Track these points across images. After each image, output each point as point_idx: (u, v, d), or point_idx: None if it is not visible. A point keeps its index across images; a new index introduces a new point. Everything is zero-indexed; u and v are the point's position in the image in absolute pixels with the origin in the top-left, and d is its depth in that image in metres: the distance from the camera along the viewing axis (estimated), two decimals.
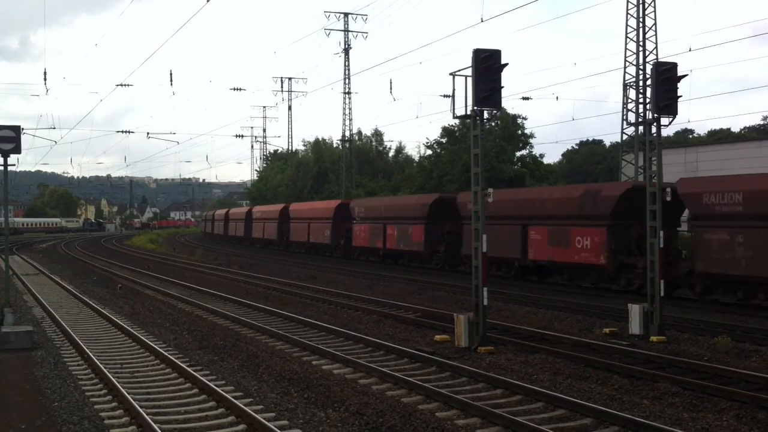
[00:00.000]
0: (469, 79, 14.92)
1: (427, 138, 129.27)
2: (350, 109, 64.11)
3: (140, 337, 16.53)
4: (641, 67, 39.28)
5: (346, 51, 62.46)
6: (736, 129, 73.53)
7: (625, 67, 40.30)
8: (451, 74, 15.24)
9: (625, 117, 41.42)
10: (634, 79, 39.95)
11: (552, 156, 77.95)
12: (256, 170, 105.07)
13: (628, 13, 39.63)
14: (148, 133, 52.77)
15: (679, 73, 16.46)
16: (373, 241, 40.25)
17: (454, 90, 15.24)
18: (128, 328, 17.95)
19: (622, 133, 42.25)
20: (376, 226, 39.94)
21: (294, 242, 53.98)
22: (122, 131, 56.34)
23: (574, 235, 25.32)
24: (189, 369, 12.95)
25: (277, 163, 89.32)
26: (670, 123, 16.87)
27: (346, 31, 62.11)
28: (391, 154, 75.61)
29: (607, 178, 63.12)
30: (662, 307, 16.33)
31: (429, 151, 54.36)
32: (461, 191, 35.15)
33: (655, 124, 16.62)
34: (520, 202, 28.57)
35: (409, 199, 40.09)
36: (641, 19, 39.33)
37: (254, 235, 64.17)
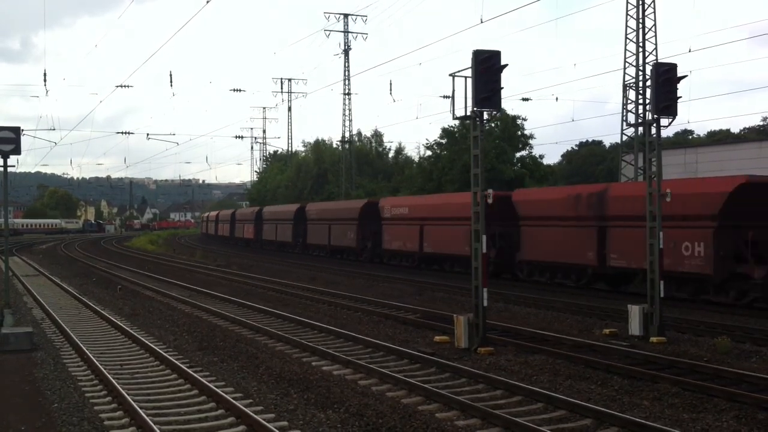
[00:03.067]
0: (469, 80, 14.92)
1: (426, 139, 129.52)
2: (350, 110, 64.09)
3: (140, 338, 16.52)
4: (641, 67, 39.24)
5: (346, 52, 62.41)
6: (735, 130, 73.65)
7: (624, 68, 40.28)
8: (450, 75, 15.24)
9: (624, 118, 41.40)
10: (633, 80, 39.94)
11: (552, 157, 78.13)
12: (256, 171, 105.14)
13: (627, 14, 39.63)
14: (147, 134, 52.80)
15: (679, 74, 16.47)
16: (322, 239, 47.34)
17: (453, 91, 15.25)
18: (128, 329, 17.95)
19: (622, 133, 42.21)
20: (324, 226, 47.05)
21: (266, 241, 60.58)
22: (122, 132, 56.35)
23: (455, 234, 31.61)
24: (189, 370, 12.95)
25: (276, 164, 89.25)
26: (669, 124, 16.90)
27: (346, 32, 62.08)
28: (390, 155, 75.46)
29: (607, 179, 63.03)
30: (662, 307, 16.34)
31: (429, 152, 54.33)
32: (461, 192, 35.86)
33: (654, 125, 16.63)
34: (419, 206, 36.46)
35: (346, 203, 47.31)
36: (641, 20, 39.31)
37: (237, 235, 71.53)
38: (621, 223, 23.77)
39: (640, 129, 33.49)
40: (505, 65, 14.94)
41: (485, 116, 15.63)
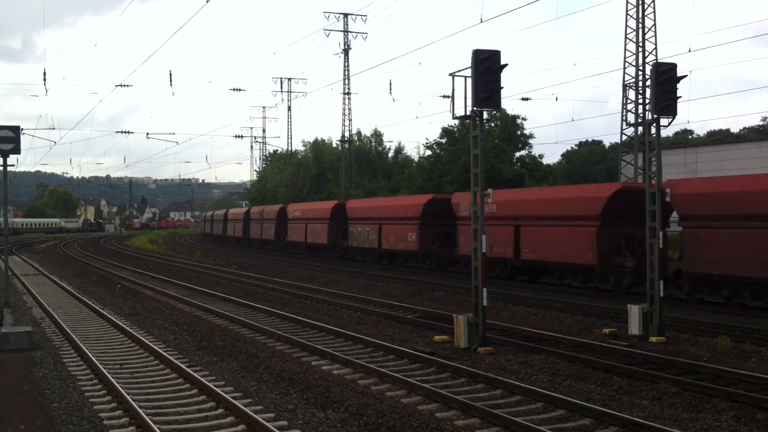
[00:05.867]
0: (469, 80, 14.92)
1: (426, 138, 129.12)
2: (350, 109, 64.08)
3: (140, 337, 16.52)
4: (641, 67, 39.28)
5: (346, 51, 62.38)
6: (735, 130, 73.67)
7: (624, 68, 40.33)
8: (450, 75, 15.24)
9: (624, 118, 41.43)
10: (633, 80, 39.95)
11: (551, 157, 77.90)
12: (255, 171, 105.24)
13: (627, 14, 39.66)
14: (147, 134, 52.85)
15: (679, 74, 16.47)
16: (300, 237, 52.08)
17: (453, 90, 15.26)
18: (128, 328, 17.95)
19: (622, 133, 42.25)
20: (301, 225, 51.79)
21: (253, 239, 65.40)
22: (122, 132, 56.39)
23: (406, 232, 36.56)
24: (188, 369, 12.95)
25: (276, 164, 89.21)
26: (669, 124, 16.90)
27: (346, 31, 62.06)
28: (390, 154, 75.40)
29: (606, 178, 63.05)
30: (662, 307, 16.34)
31: (428, 152, 54.32)
32: (460, 192, 36.00)
33: (654, 124, 16.63)
34: (378, 208, 40.94)
35: (319, 205, 52.24)
36: (641, 20, 39.33)
37: (229, 233, 76.19)
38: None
39: (640, 129, 33.48)
40: (505, 65, 14.95)
41: (485, 116, 15.63)
